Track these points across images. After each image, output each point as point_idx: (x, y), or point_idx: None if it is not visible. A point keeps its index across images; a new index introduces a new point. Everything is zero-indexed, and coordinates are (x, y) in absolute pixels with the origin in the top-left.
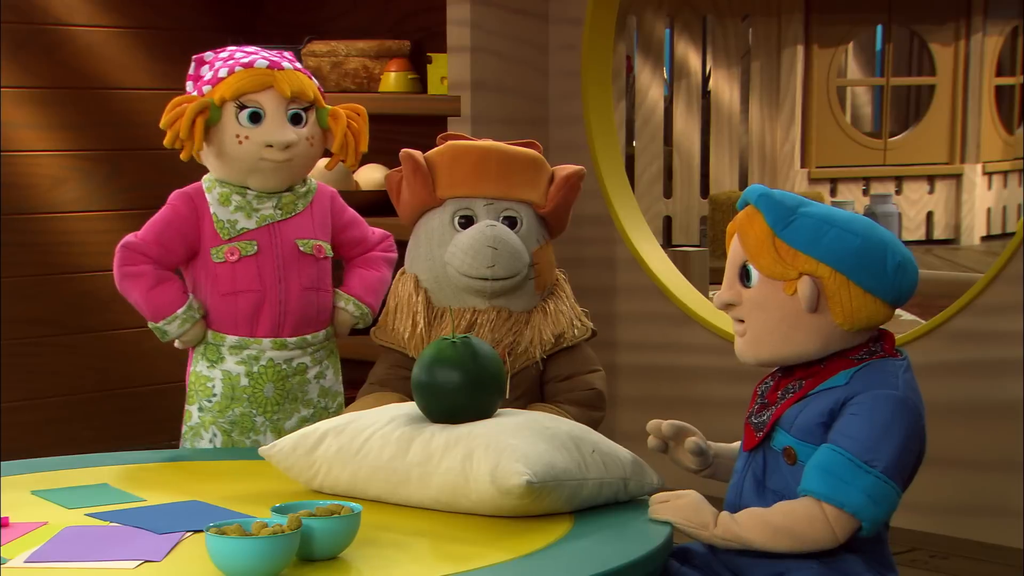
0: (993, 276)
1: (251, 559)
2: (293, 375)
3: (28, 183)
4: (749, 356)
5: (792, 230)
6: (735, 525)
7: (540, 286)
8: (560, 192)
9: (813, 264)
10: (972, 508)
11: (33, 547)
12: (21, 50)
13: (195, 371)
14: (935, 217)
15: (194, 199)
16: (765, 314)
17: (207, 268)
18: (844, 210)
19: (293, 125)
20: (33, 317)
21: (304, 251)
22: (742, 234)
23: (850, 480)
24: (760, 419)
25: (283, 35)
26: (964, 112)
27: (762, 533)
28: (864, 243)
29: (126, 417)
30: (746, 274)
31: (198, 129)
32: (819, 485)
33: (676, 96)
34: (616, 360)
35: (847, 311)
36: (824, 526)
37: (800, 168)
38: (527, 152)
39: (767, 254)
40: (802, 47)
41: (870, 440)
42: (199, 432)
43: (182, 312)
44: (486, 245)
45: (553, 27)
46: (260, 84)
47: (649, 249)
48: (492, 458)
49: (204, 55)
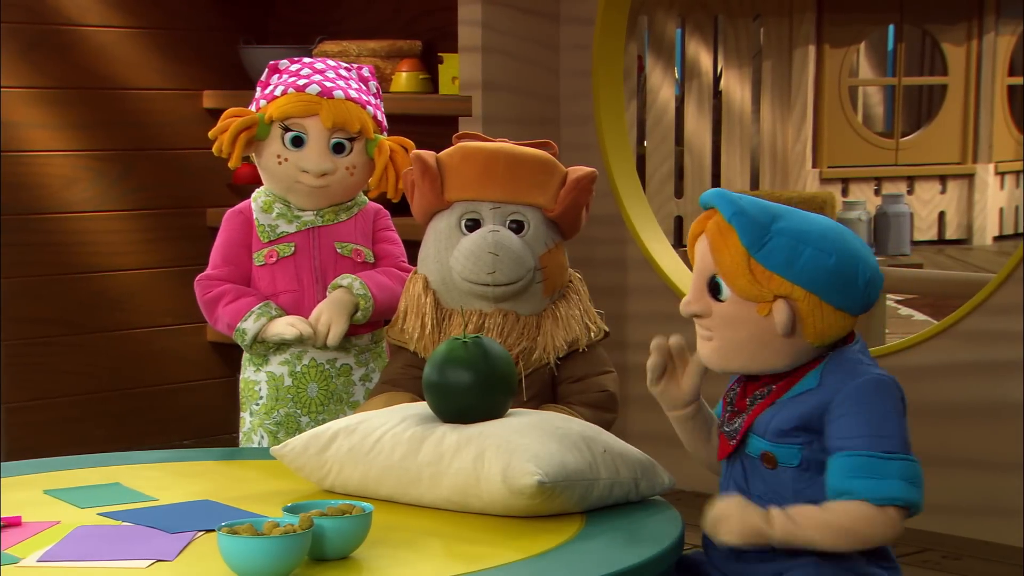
0: (1005, 276)
1: (263, 559)
2: (337, 376)
3: (40, 183)
4: (715, 366)
5: (767, 251)
6: (794, 525)
7: (549, 290)
8: (570, 195)
9: (788, 287)
10: (985, 509)
11: (46, 546)
12: (33, 50)
13: (244, 377)
14: (947, 217)
15: (243, 212)
16: (737, 331)
17: (253, 272)
18: (819, 218)
19: (335, 153)
20: (44, 317)
21: (342, 254)
22: (715, 249)
23: (884, 475)
24: (732, 427)
25: (295, 35)
26: (976, 112)
27: (824, 533)
28: (838, 262)
29: (138, 417)
30: (716, 287)
31: (239, 144)
32: (864, 491)
33: (687, 96)
34: (627, 360)
35: (819, 330)
36: (883, 521)
37: (812, 168)
38: (537, 154)
39: (742, 276)
40: (814, 47)
41: (874, 432)
42: (250, 437)
43: (257, 308)
44: (487, 251)
45: (564, 27)
46: (306, 111)
47: (660, 249)
48: (503, 458)
49: (279, 63)
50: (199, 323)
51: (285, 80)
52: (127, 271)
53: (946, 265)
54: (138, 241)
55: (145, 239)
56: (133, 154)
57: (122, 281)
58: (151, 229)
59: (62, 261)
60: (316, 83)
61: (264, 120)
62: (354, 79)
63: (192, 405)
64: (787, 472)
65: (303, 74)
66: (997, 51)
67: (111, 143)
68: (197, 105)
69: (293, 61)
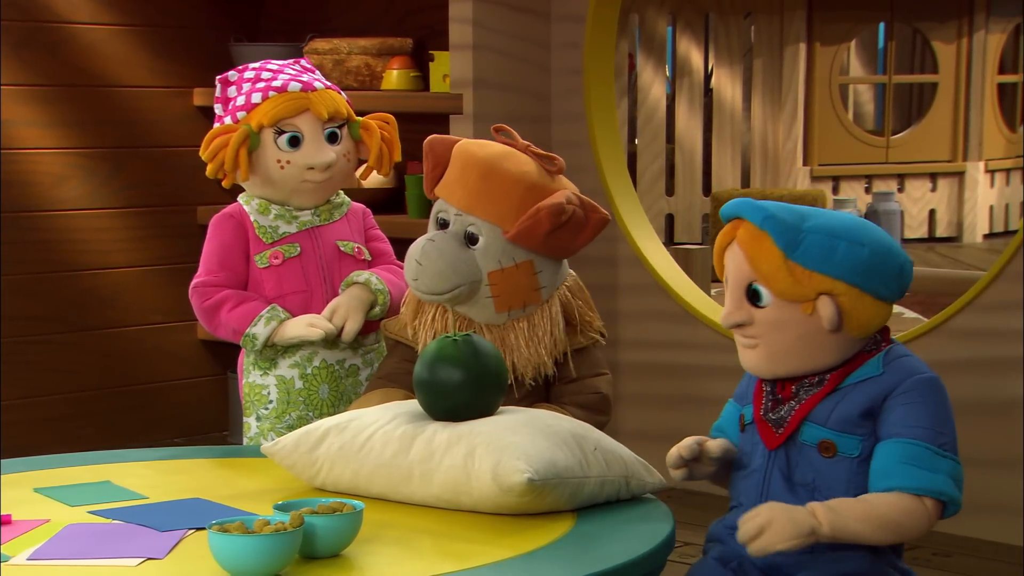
0: (995, 274)
1: (253, 557)
2: (346, 376)
3: (30, 180)
4: (764, 372)
5: (804, 250)
6: (837, 517)
7: (502, 306)
8: (527, 222)
9: (829, 283)
10: (975, 506)
11: (35, 544)
12: (23, 48)
13: (248, 382)
14: (937, 215)
15: (234, 215)
16: (784, 334)
17: (254, 275)
18: (842, 215)
19: (330, 143)
20: (35, 314)
21: (345, 251)
22: (751, 257)
23: (936, 468)
24: (779, 415)
25: (285, 33)
26: (967, 110)
27: (865, 525)
28: (872, 253)
29: (128, 414)
30: (755, 294)
31: (243, 159)
32: (911, 479)
33: (678, 94)
34: (618, 358)
35: (863, 322)
36: (923, 515)
37: (802, 166)
38: (514, 171)
39: (783, 278)
40: (804, 45)
41: (935, 426)
42: (258, 442)
43: (266, 312)
44: (414, 257)
45: (555, 25)
46: (296, 108)
47: (651, 247)
48: (494, 456)
49: (228, 75)
50: (190, 321)
51: (254, 84)
52: (117, 269)
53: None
54: (129, 239)
55: (136, 236)
56: (124, 152)
57: (112, 279)
58: (142, 227)
59: (52, 259)
60: (292, 80)
61: (253, 130)
62: (312, 70)
63: (183, 403)
64: (844, 462)
65: (265, 77)
66: (987, 49)
67: (102, 141)
68: (188, 103)
69: (242, 70)
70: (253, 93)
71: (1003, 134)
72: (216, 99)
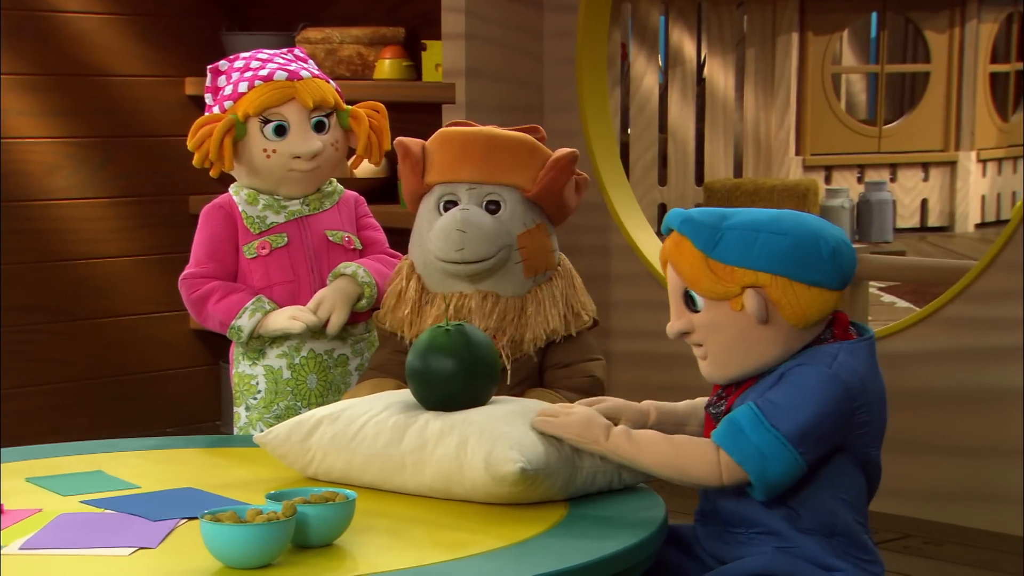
0: (987, 263)
1: (246, 546)
2: (335, 366)
3: (22, 170)
4: (717, 377)
5: (722, 247)
6: (628, 443)
7: (530, 271)
8: (548, 175)
9: (752, 275)
10: (966, 495)
11: (28, 534)
12: (15, 37)
13: (238, 372)
14: (929, 204)
15: (223, 206)
16: (720, 334)
17: (243, 266)
18: (771, 211)
19: (317, 132)
20: (28, 304)
21: (334, 241)
22: (674, 262)
23: (749, 434)
24: (718, 408)
25: (277, 22)
26: (959, 99)
27: (653, 456)
28: (794, 240)
29: (121, 404)
30: (690, 300)
31: (227, 148)
32: (721, 433)
33: (671, 83)
34: (610, 347)
35: (797, 311)
36: (712, 468)
37: (795, 155)
38: (515, 136)
39: (704, 277)
40: (797, 34)
41: (785, 406)
42: (247, 432)
43: (251, 304)
44: (455, 228)
45: (548, 14)
46: (282, 97)
47: (644, 236)
48: (486, 445)
49: (219, 65)
50: (182, 311)
51: (242, 73)
52: (109, 258)
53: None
54: (120, 228)
55: (127, 226)
56: (115, 141)
57: (104, 268)
58: (133, 216)
59: (44, 248)
60: (279, 69)
61: (240, 119)
62: (303, 59)
63: (175, 393)
64: None
65: (254, 66)
66: (979, 39)
67: (93, 130)
68: (179, 92)
69: (233, 59)
70: (240, 82)
71: (995, 124)
72: (207, 89)
